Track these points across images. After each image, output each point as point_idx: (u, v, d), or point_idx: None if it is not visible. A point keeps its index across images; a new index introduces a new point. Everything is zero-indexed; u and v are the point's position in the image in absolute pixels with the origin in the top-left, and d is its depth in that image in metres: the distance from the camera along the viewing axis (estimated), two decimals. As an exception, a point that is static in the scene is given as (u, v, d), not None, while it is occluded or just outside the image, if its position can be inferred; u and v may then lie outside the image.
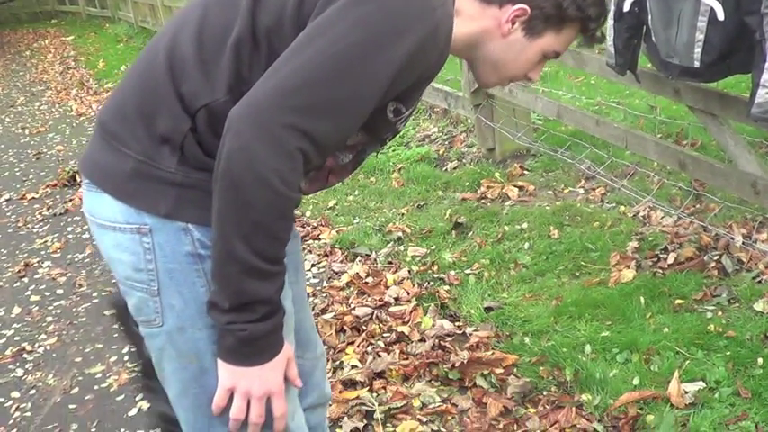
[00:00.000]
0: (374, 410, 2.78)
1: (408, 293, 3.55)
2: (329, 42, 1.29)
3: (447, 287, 3.56)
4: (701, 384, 2.67)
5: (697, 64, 2.88)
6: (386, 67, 1.30)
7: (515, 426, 2.64)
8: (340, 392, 2.89)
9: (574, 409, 2.66)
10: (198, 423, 1.53)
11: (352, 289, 3.70)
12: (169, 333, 1.47)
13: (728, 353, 2.79)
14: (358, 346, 3.19)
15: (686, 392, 2.63)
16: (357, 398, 2.86)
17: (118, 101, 1.50)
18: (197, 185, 1.41)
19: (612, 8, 3.17)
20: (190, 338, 1.46)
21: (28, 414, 3.20)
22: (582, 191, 4.36)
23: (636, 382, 2.73)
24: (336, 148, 1.45)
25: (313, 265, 4.05)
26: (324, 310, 3.51)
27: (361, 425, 2.73)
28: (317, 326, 2.19)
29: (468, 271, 3.68)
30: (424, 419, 2.73)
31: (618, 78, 3.66)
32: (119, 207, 1.44)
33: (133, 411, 3.09)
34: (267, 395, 1.43)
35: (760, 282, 3.20)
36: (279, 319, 1.40)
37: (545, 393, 2.78)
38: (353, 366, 3.04)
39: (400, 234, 4.17)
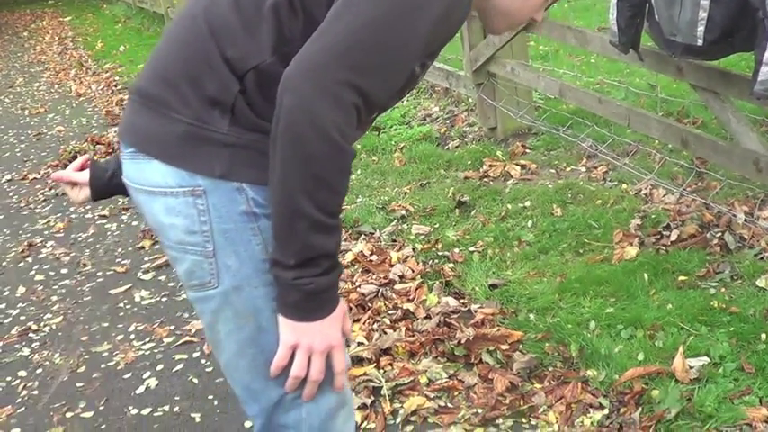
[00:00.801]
0: (381, 387, 2.81)
1: (413, 271, 3.57)
2: (373, 3, 1.33)
3: (451, 265, 3.58)
4: (705, 360, 2.69)
5: (700, 42, 2.88)
6: (427, 24, 1.35)
7: (522, 401, 2.67)
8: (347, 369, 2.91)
9: (579, 384, 2.68)
10: (254, 384, 1.54)
11: (356, 267, 3.71)
12: (225, 293, 1.48)
13: (732, 329, 2.81)
14: (364, 324, 3.21)
15: (691, 367, 2.65)
16: (364, 374, 2.88)
17: (157, 68, 1.50)
18: (249, 146, 1.43)
19: (616, -14, 3.18)
20: (247, 297, 1.47)
21: (35, 393, 3.22)
22: (584, 169, 4.37)
23: (641, 357, 2.75)
24: (382, 106, 1.47)
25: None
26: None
27: (368, 401, 2.75)
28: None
29: (471, 249, 3.70)
30: (431, 395, 2.76)
31: (620, 57, 3.67)
32: (170, 171, 1.45)
33: (141, 389, 3.11)
34: (328, 350, 1.46)
35: (762, 258, 3.22)
36: (339, 273, 1.43)
37: (550, 369, 2.81)
38: (360, 343, 3.06)
39: (403, 212, 4.19)
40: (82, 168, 1.85)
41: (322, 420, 1.56)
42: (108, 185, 1.79)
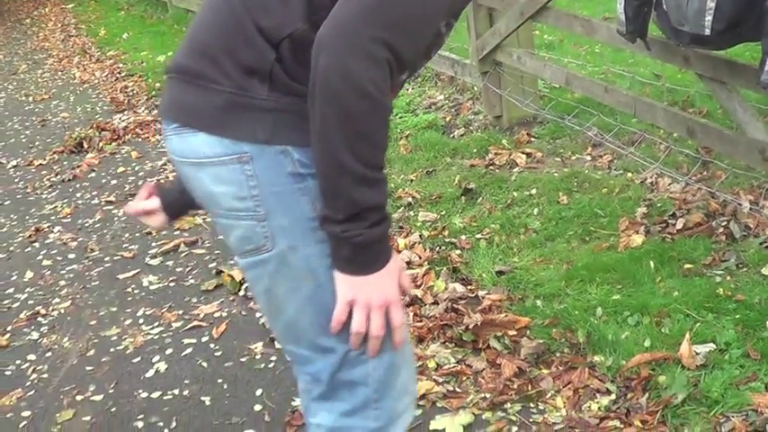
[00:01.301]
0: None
1: (420, 258, 3.59)
2: None
3: (458, 251, 3.60)
4: (711, 346, 2.71)
5: (708, 31, 2.89)
6: None
7: (529, 386, 2.69)
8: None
9: (587, 369, 2.71)
10: (319, 341, 1.55)
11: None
12: (281, 254, 1.51)
13: (738, 316, 2.83)
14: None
15: (697, 354, 2.68)
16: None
17: (193, 43, 1.55)
18: (290, 109, 1.46)
19: (624, -25, 3.19)
20: (302, 256, 1.50)
21: (45, 376, 3.25)
22: (589, 158, 4.39)
23: (647, 343, 2.78)
24: (411, 65, 1.50)
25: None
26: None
27: (377, 385, 2.77)
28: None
29: (478, 236, 3.72)
30: (440, 380, 2.78)
31: (626, 45, 3.68)
32: (215, 141, 1.48)
33: (150, 373, 3.14)
34: (386, 305, 1.48)
35: (767, 247, 3.24)
36: (389, 225, 1.46)
37: (558, 355, 2.83)
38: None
39: (410, 199, 4.21)
40: (149, 196, 1.88)
41: (388, 375, 1.57)
42: (182, 202, 1.83)
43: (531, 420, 2.57)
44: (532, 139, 4.77)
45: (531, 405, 2.63)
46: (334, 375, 1.56)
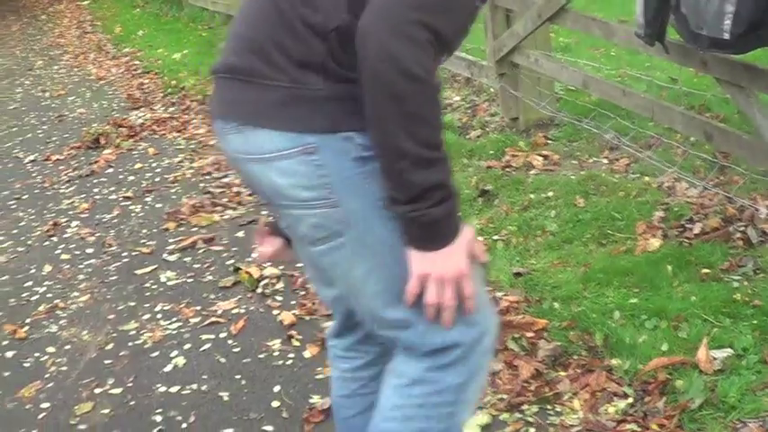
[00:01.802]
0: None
1: (437, 258, 3.60)
2: None
3: (475, 253, 3.61)
4: (728, 351, 2.72)
5: (726, 36, 2.90)
6: None
7: (547, 388, 2.70)
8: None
9: (604, 372, 2.72)
10: (404, 315, 1.61)
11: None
12: (357, 237, 1.57)
13: (755, 321, 2.84)
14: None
15: (714, 359, 2.68)
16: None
17: (242, 42, 1.59)
18: (347, 96, 1.51)
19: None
20: (377, 236, 1.56)
21: (64, 368, 3.27)
22: (606, 161, 4.40)
23: (665, 347, 2.78)
24: (450, 44, 1.53)
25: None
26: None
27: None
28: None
29: (495, 237, 3.73)
30: (457, 380, 2.79)
31: (644, 48, 3.69)
32: (279, 136, 1.53)
33: (168, 367, 3.16)
34: (458, 277, 1.53)
35: (785, 253, 3.25)
36: (455, 201, 1.51)
37: (575, 357, 2.84)
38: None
39: (427, 201, 4.21)
40: (266, 236, 1.94)
41: (474, 342, 1.64)
42: None
43: (548, 422, 2.58)
44: (549, 142, 4.79)
45: (549, 407, 2.64)
46: (423, 343, 1.62)
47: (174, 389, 3.02)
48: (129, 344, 3.37)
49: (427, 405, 1.66)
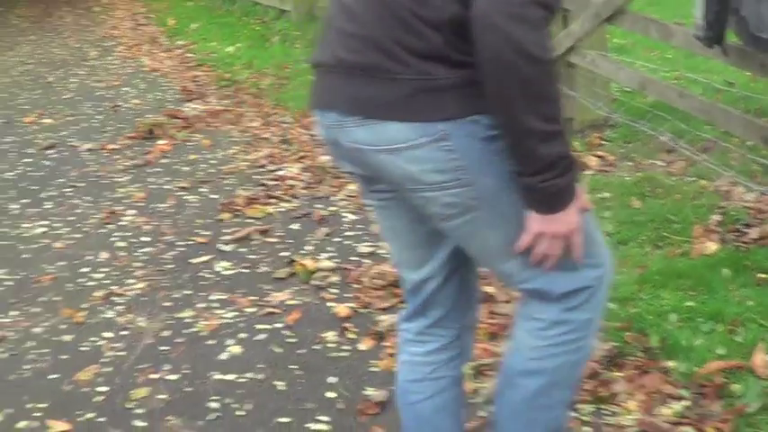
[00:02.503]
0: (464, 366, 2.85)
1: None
2: None
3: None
4: (786, 357, 2.70)
5: (787, 39, 2.88)
6: None
7: (602, 388, 2.70)
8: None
9: (660, 374, 2.72)
10: (523, 274, 1.78)
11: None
12: (491, 207, 1.69)
13: (812, 328, 2.82)
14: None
15: (771, 364, 2.67)
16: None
17: (358, 39, 1.66)
18: (469, 81, 1.58)
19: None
20: (510, 205, 1.68)
21: (121, 354, 3.31)
22: (662, 163, 4.38)
23: (721, 351, 2.77)
24: (557, 9, 1.61)
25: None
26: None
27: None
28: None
29: (550, 237, 3.72)
30: (512, 377, 2.80)
31: (702, 50, 3.66)
32: (409, 127, 1.62)
33: (224, 356, 3.20)
34: (569, 234, 1.69)
35: (843, 260, 3.21)
36: (577, 168, 1.63)
37: (631, 358, 2.84)
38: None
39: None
40: None
41: (598, 281, 1.82)
42: None
43: (603, 422, 2.58)
44: (604, 143, 4.78)
45: (604, 407, 2.65)
46: (553, 289, 1.78)
47: (229, 377, 3.06)
48: (185, 331, 3.42)
49: (564, 342, 1.83)
